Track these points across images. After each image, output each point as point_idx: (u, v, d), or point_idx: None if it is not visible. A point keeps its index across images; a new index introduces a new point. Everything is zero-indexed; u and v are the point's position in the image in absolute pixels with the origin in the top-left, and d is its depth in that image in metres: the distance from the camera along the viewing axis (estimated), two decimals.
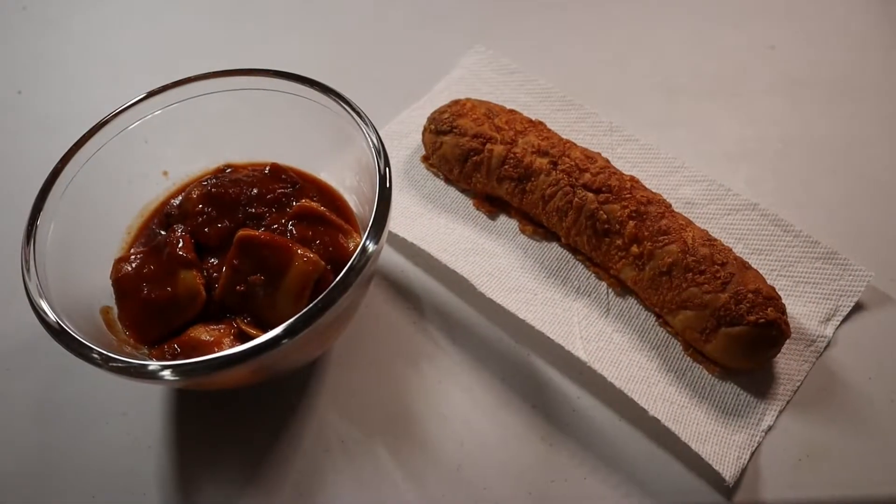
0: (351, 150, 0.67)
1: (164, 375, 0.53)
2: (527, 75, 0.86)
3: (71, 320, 0.57)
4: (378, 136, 0.64)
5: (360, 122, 0.66)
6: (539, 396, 0.66)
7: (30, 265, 0.58)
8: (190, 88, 0.70)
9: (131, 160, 0.69)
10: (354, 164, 0.67)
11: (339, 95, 0.67)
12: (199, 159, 0.73)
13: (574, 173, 0.71)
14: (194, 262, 0.64)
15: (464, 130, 0.76)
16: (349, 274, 0.56)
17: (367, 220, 0.67)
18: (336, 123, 0.67)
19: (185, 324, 0.63)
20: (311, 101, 0.68)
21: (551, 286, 0.71)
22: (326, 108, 0.68)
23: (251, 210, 0.68)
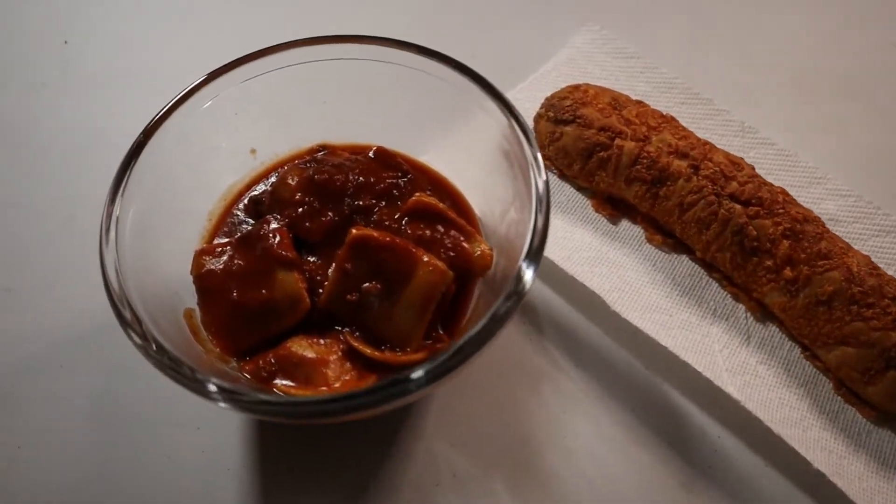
0: (473, 135, 0.56)
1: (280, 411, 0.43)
2: (647, 61, 0.75)
3: (163, 334, 0.46)
4: (522, 120, 0.53)
5: (494, 100, 0.54)
6: (676, 433, 0.57)
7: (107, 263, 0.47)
8: (281, 58, 0.58)
9: (216, 135, 0.57)
10: (479, 154, 0.56)
11: (462, 66, 0.56)
12: (289, 137, 0.61)
13: (719, 181, 0.61)
14: (296, 262, 0.53)
15: (589, 121, 0.65)
16: (509, 301, 0.45)
17: (495, 223, 0.57)
18: (456, 100, 0.56)
19: (281, 333, 0.53)
20: (422, 73, 0.57)
21: (686, 306, 0.61)
22: (441, 80, 0.56)
23: (358, 203, 0.56)
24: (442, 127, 0.59)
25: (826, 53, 0.83)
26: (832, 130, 0.74)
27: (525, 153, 0.52)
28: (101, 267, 0.46)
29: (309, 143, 0.61)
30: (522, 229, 0.50)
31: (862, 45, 0.83)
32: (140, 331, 0.44)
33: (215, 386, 0.43)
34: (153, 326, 0.45)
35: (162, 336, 0.45)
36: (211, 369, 0.48)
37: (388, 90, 0.59)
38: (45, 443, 0.57)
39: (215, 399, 0.43)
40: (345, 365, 0.51)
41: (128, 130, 0.53)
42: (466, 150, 0.58)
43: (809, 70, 0.81)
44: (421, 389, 0.43)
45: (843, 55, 0.82)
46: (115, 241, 0.47)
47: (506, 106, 0.54)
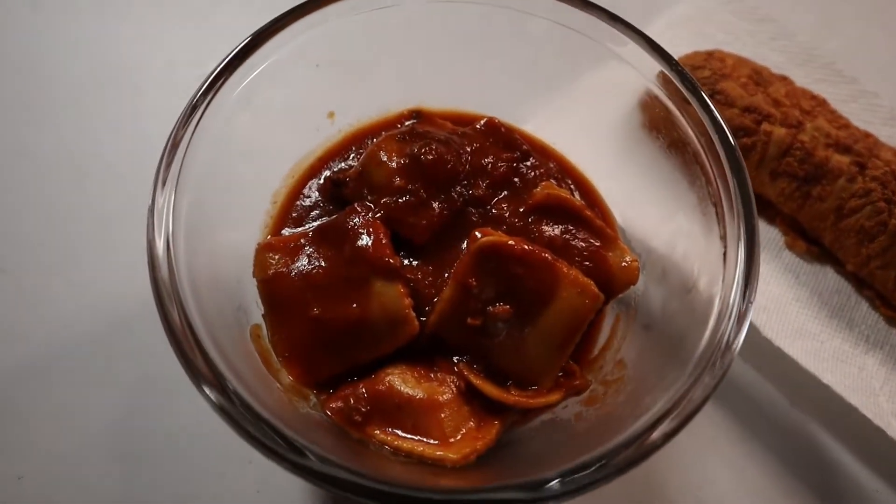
0: (604, 97, 0.42)
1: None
2: (780, 26, 0.61)
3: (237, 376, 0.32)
4: (673, 60, 0.40)
5: (635, 39, 0.40)
6: (828, 485, 0.46)
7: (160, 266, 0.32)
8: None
9: (287, 92, 0.42)
10: (619, 134, 0.42)
11: (606, 12, 0.41)
12: (377, 98, 0.46)
13: (890, 184, 0.49)
14: (398, 270, 0.39)
15: (731, 99, 0.52)
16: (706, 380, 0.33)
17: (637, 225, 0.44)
18: (576, 47, 0.42)
19: (374, 360, 0.39)
20: (555, 24, 0.42)
21: (836, 330, 0.50)
22: (572, 30, 0.42)
23: (473, 192, 0.42)
24: (556, 87, 0.45)
25: None
26: None
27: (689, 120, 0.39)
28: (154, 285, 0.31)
29: (398, 108, 0.46)
30: (699, 248, 0.38)
31: None
32: (215, 381, 0.30)
33: (319, 460, 0.30)
34: (225, 367, 0.32)
35: (238, 379, 0.32)
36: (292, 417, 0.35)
37: (496, 44, 0.45)
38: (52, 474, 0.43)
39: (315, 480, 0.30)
40: (462, 409, 0.38)
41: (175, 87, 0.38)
42: (594, 121, 0.44)
43: None
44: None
45: None
46: (169, 243, 0.33)
47: (654, 49, 0.40)
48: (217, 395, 0.30)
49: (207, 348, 0.31)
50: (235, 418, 0.30)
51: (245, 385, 0.32)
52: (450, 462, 0.36)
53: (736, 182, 0.36)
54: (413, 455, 0.37)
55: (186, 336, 0.31)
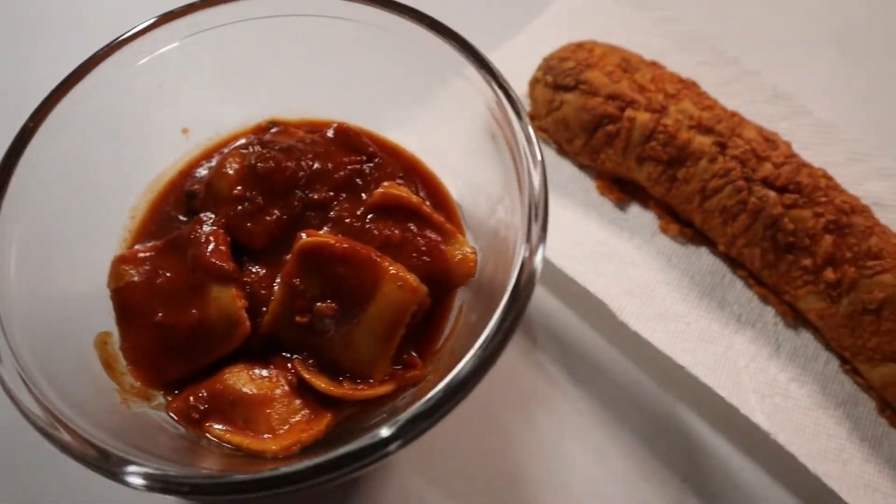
0: (454, 111, 0.43)
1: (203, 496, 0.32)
2: (664, 12, 0.61)
3: (47, 374, 0.34)
4: (510, 92, 0.40)
5: (478, 69, 0.41)
6: (692, 466, 0.46)
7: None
8: (219, 12, 0.45)
9: (137, 111, 0.44)
10: (461, 134, 0.43)
11: (436, 24, 0.42)
12: (232, 112, 0.47)
13: (750, 162, 0.49)
14: (233, 274, 0.41)
15: (595, 87, 0.52)
16: (512, 324, 0.34)
17: (479, 217, 0.44)
18: (431, 66, 0.43)
19: (216, 361, 0.41)
20: (393, 34, 0.44)
21: (706, 311, 0.50)
22: (415, 42, 0.43)
23: (312, 195, 0.44)
24: (415, 99, 0.46)
25: (878, 4, 0.68)
26: (880, 98, 0.61)
27: (515, 135, 0.39)
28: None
29: (256, 120, 0.48)
30: (514, 232, 0.39)
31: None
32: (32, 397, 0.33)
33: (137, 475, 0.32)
34: (43, 378, 0.34)
35: (55, 390, 0.34)
36: (121, 417, 0.37)
37: (351, 54, 0.46)
38: None
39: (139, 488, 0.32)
40: (293, 403, 0.40)
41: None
42: (445, 128, 0.45)
43: (857, 25, 0.66)
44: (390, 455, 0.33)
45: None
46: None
47: (490, 73, 0.41)
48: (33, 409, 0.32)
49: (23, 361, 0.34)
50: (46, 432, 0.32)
51: (58, 390, 0.34)
52: (270, 453, 0.37)
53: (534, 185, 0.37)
54: (241, 448, 0.38)
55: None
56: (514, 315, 0.35)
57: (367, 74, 0.47)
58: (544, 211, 0.36)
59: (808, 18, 0.65)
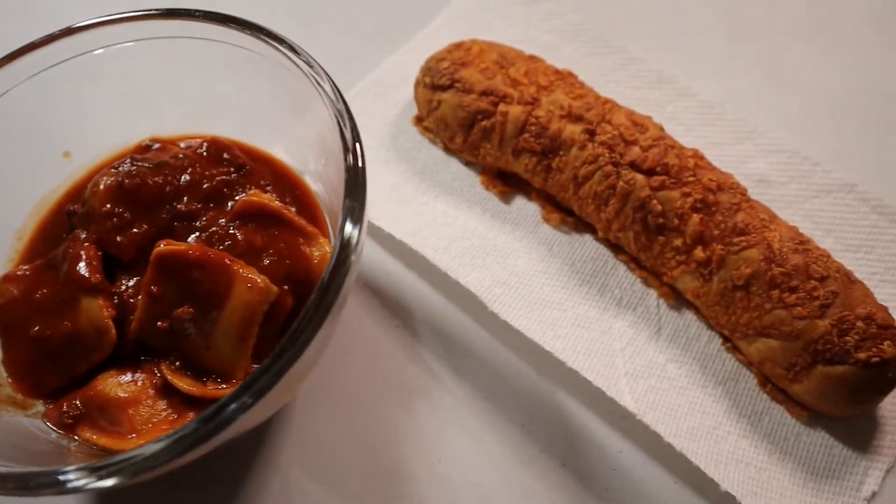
0: (310, 121, 0.45)
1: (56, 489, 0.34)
2: (551, 6, 0.62)
3: None
4: (344, 104, 0.42)
5: (317, 79, 0.43)
6: (570, 451, 0.47)
7: None
8: (98, 35, 0.48)
9: (17, 135, 0.47)
10: (316, 140, 0.46)
11: (285, 43, 0.45)
12: (113, 133, 0.50)
13: (618, 146, 0.50)
14: (100, 285, 0.44)
15: (469, 85, 0.54)
16: (319, 306, 0.36)
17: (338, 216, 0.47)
18: (288, 84, 0.45)
19: (90, 370, 0.44)
20: (254, 54, 0.46)
21: (585, 298, 0.51)
22: (274, 62, 0.45)
23: (180, 207, 0.47)
24: (285, 113, 0.49)
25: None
26: (768, 75, 0.61)
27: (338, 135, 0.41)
28: None
29: (136, 139, 0.51)
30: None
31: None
32: None
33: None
34: None
35: None
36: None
37: (226, 74, 0.49)
38: None
39: None
40: (157, 404, 0.42)
41: None
42: (306, 137, 0.47)
43: (742, 4, 0.67)
44: (230, 424, 0.35)
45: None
46: None
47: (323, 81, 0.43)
48: None
49: None
50: None
51: None
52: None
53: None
54: (106, 448, 0.41)
55: None
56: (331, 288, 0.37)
57: (242, 92, 0.50)
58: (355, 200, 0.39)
59: (696, 5, 0.65)
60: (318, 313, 0.36)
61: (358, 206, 0.38)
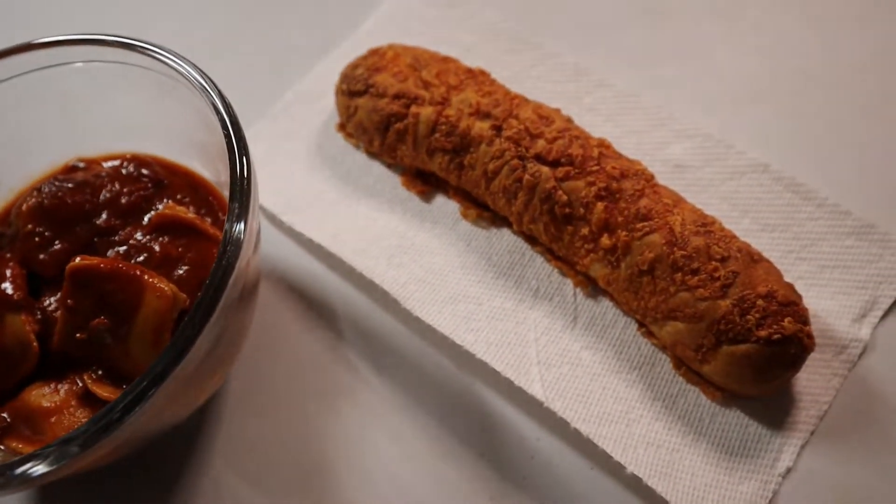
0: (216, 134, 0.48)
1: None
2: (470, 8, 0.65)
3: None
4: (220, 96, 0.45)
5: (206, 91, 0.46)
6: (488, 441, 0.49)
7: None
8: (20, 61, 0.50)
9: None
10: (222, 152, 0.48)
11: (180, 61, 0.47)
12: (41, 156, 0.54)
13: (523, 140, 0.52)
14: (23, 302, 0.47)
15: (382, 90, 0.56)
16: (204, 302, 0.39)
17: None
18: (192, 100, 0.48)
19: (18, 383, 0.47)
20: (162, 75, 0.49)
21: (501, 290, 0.53)
22: (179, 81, 0.48)
23: (99, 223, 0.50)
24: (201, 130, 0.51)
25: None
26: (685, 62, 0.63)
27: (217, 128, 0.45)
28: None
29: (62, 160, 0.54)
30: None
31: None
32: None
33: None
34: None
35: None
36: None
37: (145, 95, 0.52)
38: None
39: None
40: (78, 412, 0.45)
41: None
42: (217, 151, 0.50)
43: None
44: (132, 413, 0.37)
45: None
46: None
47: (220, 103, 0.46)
48: None
49: None
50: None
51: None
52: None
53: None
54: None
55: None
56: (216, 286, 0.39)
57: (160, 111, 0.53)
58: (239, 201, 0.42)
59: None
60: (201, 312, 0.38)
61: (240, 207, 0.41)
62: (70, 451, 0.36)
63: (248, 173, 0.42)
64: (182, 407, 0.47)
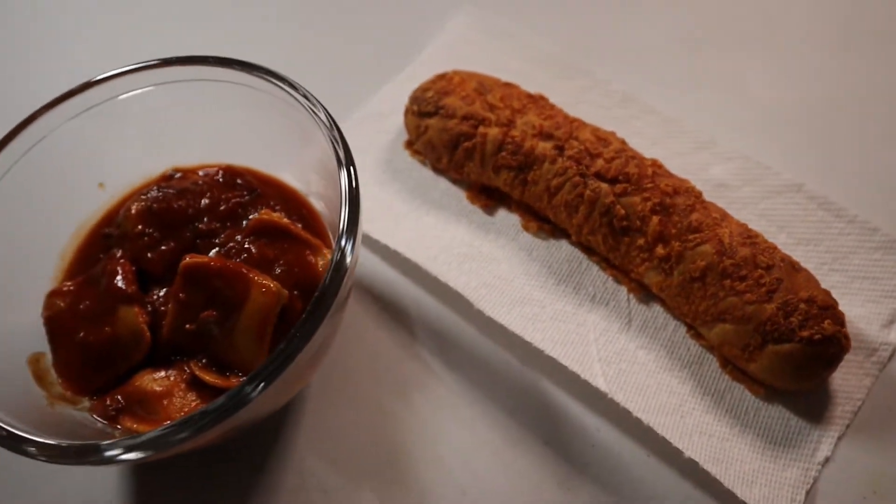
0: (312, 148, 0.54)
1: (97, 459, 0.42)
2: (523, 38, 0.72)
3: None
4: (338, 132, 0.51)
5: (314, 111, 0.52)
6: (553, 431, 0.55)
7: None
8: (125, 82, 0.57)
9: (59, 171, 0.56)
10: (318, 165, 0.55)
11: (289, 83, 0.54)
12: (140, 165, 0.60)
13: (584, 159, 0.58)
14: (135, 295, 0.53)
15: (452, 111, 0.63)
16: (319, 304, 0.44)
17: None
18: (291, 116, 0.54)
19: (129, 370, 0.52)
20: (263, 92, 0.55)
21: (562, 295, 0.59)
22: (277, 98, 0.55)
23: (201, 226, 0.56)
24: (290, 141, 0.58)
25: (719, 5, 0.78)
26: (724, 90, 0.71)
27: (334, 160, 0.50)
28: None
29: (161, 169, 0.60)
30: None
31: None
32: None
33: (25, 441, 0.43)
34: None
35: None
36: (43, 417, 0.48)
37: (236, 109, 0.58)
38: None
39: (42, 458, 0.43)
40: (188, 396, 0.51)
41: None
42: (309, 162, 0.56)
43: (701, 24, 0.76)
44: (246, 403, 0.43)
45: (736, 5, 0.78)
46: None
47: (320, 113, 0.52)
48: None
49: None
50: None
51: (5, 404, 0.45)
52: None
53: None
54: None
55: None
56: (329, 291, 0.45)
57: (252, 125, 0.59)
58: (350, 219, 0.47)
59: (655, 27, 0.75)
60: (317, 312, 0.44)
61: (352, 221, 0.47)
62: (205, 422, 0.41)
63: (357, 184, 0.48)
64: (281, 399, 0.53)
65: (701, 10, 0.78)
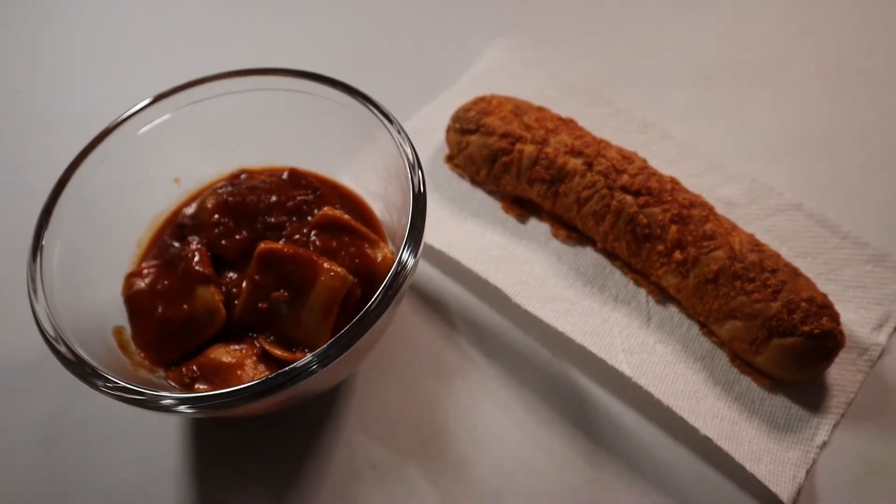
0: (375, 153, 0.63)
1: (182, 409, 0.49)
2: (553, 68, 0.82)
3: (81, 344, 0.53)
4: (410, 143, 0.60)
5: (388, 124, 0.61)
6: (581, 414, 0.63)
7: (37, 285, 0.54)
8: (200, 91, 0.66)
9: (140, 168, 0.65)
10: (380, 169, 0.63)
11: (363, 95, 0.63)
12: (211, 165, 0.69)
13: (611, 175, 0.67)
14: (212, 277, 0.60)
15: (491, 129, 0.72)
16: (387, 292, 0.52)
17: (395, 228, 0.63)
18: (358, 124, 0.63)
19: (203, 343, 0.60)
20: (330, 101, 0.64)
21: (588, 295, 0.67)
22: (346, 107, 0.63)
23: (270, 220, 0.64)
24: (353, 148, 0.66)
25: (727, 45, 0.90)
26: (732, 119, 0.81)
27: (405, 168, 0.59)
28: (29, 295, 0.53)
29: (230, 169, 0.68)
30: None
31: (761, 35, 0.91)
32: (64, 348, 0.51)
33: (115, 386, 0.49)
34: (78, 344, 0.52)
35: (85, 351, 0.52)
36: (133, 377, 0.55)
37: (303, 117, 0.66)
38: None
39: (127, 401, 0.49)
40: (258, 367, 0.58)
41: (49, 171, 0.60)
42: (371, 166, 0.65)
43: (712, 61, 0.88)
44: (311, 373, 0.50)
45: (743, 46, 0.90)
46: (42, 286, 0.54)
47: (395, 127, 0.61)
48: (75, 368, 0.50)
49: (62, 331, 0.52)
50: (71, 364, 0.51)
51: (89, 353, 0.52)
52: None
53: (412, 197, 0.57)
54: None
55: (45, 314, 0.52)
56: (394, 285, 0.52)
57: (314, 132, 0.68)
58: (417, 223, 0.55)
59: (671, 64, 0.87)
60: (383, 301, 0.52)
61: (419, 217, 0.55)
62: (310, 369, 0.49)
63: (425, 188, 0.57)
64: (339, 376, 0.60)
65: (713, 50, 0.89)
